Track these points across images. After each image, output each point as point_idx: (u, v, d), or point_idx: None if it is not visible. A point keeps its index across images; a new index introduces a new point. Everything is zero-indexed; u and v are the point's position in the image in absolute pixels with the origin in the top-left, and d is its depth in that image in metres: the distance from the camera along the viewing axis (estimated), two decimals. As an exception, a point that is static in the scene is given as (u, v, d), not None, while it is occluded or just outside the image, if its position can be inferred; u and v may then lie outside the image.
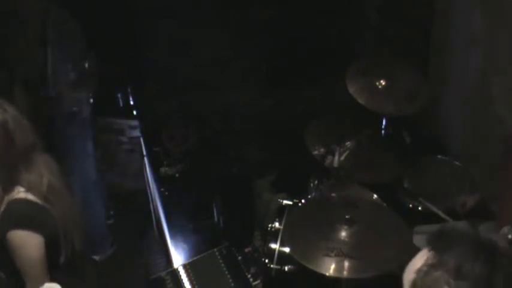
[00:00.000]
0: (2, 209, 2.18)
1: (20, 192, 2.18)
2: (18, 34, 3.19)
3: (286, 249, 2.80)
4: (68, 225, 2.26)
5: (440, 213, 3.07)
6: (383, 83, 3.36)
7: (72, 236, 2.28)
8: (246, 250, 3.19)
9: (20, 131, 2.16)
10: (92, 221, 3.18)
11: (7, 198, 2.18)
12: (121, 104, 4.06)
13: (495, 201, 2.91)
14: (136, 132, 4.00)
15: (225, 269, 2.75)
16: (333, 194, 3.06)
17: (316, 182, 3.23)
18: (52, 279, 2.21)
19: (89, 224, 2.56)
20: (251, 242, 3.24)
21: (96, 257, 3.79)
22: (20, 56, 3.23)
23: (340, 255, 2.44)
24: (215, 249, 2.84)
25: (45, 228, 2.18)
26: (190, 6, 4.03)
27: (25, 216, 2.16)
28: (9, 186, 2.19)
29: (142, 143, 3.94)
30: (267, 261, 2.87)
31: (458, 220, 3.01)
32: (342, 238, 2.57)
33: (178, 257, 3.44)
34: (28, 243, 2.16)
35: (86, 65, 3.45)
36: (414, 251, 1.45)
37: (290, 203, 3.12)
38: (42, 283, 2.19)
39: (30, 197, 2.18)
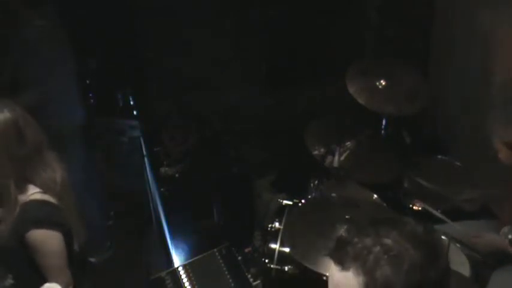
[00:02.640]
0: (18, 210, 2.19)
1: (35, 193, 2.21)
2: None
3: (286, 249, 2.80)
4: (74, 215, 2.30)
5: (438, 214, 3.07)
6: (383, 83, 3.36)
7: (78, 229, 2.32)
8: (246, 250, 3.19)
9: (30, 128, 2.18)
10: (88, 224, 3.17)
11: (21, 199, 2.20)
12: (121, 104, 4.06)
13: (495, 201, 2.91)
14: (137, 132, 4.00)
15: (225, 269, 2.75)
16: (333, 194, 3.05)
17: (316, 182, 3.23)
18: None
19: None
20: (251, 242, 3.23)
21: (92, 259, 3.78)
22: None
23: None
24: (215, 249, 2.83)
25: (62, 225, 2.22)
26: (190, 6, 4.03)
27: (43, 215, 2.18)
28: (23, 184, 2.20)
29: (142, 143, 3.94)
30: (267, 261, 2.86)
31: (457, 220, 3.02)
32: (342, 238, 2.56)
33: (178, 257, 3.44)
34: (49, 241, 2.20)
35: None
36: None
37: (290, 203, 3.12)
38: (66, 276, 2.24)
39: (45, 197, 2.21)
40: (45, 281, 2.21)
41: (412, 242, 1.32)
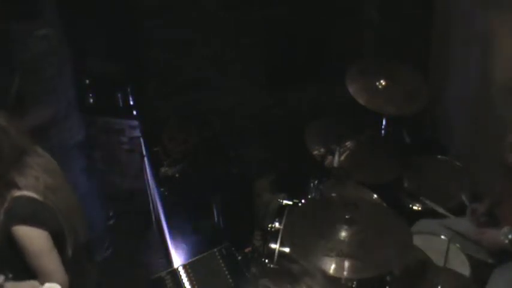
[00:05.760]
0: (5, 207, 2.19)
1: (20, 191, 2.20)
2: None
3: (286, 249, 2.80)
4: (70, 219, 2.28)
5: (442, 210, 3.08)
6: (383, 83, 3.36)
7: (75, 229, 2.30)
8: (246, 250, 3.19)
9: (8, 139, 2.17)
10: (88, 224, 3.19)
11: (8, 197, 2.20)
12: (121, 104, 4.06)
13: (496, 201, 2.91)
14: (137, 132, 4.00)
15: (225, 269, 2.75)
16: (333, 194, 3.05)
17: (316, 182, 3.23)
18: None
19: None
20: (251, 242, 3.24)
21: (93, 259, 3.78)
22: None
23: (340, 255, 2.44)
24: (215, 249, 2.84)
25: (47, 223, 2.20)
26: (190, 6, 4.03)
27: (27, 211, 2.18)
28: (5, 190, 2.20)
29: (142, 143, 3.94)
30: (267, 261, 2.86)
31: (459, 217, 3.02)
32: (342, 238, 2.56)
33: (178, 257, 3.44)
34: (34, 237, 2.18)
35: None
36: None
37: (290, 203, 3.12)
38: (60, 275, 2.21)
39: (31, 194, 2.20)
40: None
41: None
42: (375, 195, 3.14)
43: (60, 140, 3.32)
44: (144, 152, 3.88)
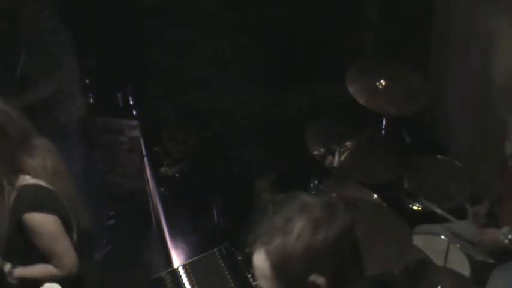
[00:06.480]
0: (13, 197, 2.22)
1: (28, 179, 2.24)
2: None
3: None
4: (73, 204, 2.32)
5: (441, 212, 3.07)
6: (383, 83, 3.35)
7: (77, 214, 2.34)
8: (246, 250, 3.19)
9: (11, 122, 2.19)
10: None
11: (15, 186, 2.23)
12: (121, 104, 4.06)
13: (496, 201, 2.91)
14: (136, 132, 4.00)
15: (225, 269, 2.75)
16: (333, 194, 3.05)
17: (316, 182, 3.23)
18: None
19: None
20: (251, 242, 3.23)
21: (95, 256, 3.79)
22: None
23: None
24: (215, 249, 2.83)
25: (56, 208, 2.25)
26: (190, 6, 4.03)
27: (37, 199, 2.22)
28: (14, 177, 2.24)
29: (142, 143, 3.94)
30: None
31: (461, 219, 3.02)
32: (342, 238, 2.56)
33: (178, 257, 3.44)
34: (46, 223, 2.22)
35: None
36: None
37: (290, 203, 3.11)
38: (69, 259, 2.26)
39: (38, 181, 2.24)
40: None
41: (302, 213, 1.45)
42: (375, 195, 3.14)
43: (65, 116, 3.40)
44: (144, 152, 3.88)
